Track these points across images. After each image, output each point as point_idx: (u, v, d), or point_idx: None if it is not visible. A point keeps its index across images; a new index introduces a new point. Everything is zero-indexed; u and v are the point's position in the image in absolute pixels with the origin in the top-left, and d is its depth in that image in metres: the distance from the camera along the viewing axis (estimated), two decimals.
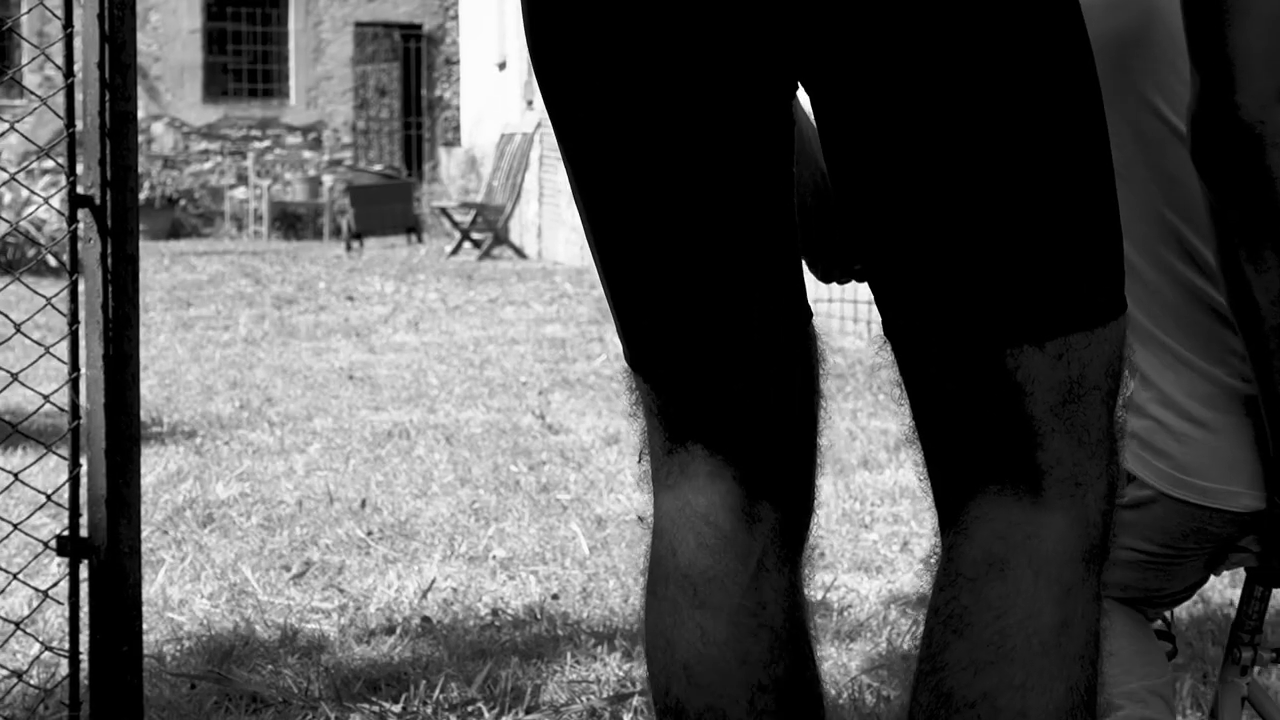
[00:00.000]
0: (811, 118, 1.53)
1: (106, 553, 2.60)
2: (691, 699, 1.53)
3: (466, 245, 17.64)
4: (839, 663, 3.36)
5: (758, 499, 1.56)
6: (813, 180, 1.66)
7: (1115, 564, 1.56)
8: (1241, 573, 2.06)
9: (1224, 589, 4.03)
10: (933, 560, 1.52)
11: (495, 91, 19.97)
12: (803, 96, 1.53)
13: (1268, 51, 1.64)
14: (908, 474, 5.59)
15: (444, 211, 18.79)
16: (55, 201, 14.83)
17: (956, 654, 1.42)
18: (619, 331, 1.61)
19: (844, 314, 9.82)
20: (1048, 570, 1.41)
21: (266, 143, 23.23)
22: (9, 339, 3.24)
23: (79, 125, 2.59)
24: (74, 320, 2.62)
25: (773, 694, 1.53)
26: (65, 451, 2.69)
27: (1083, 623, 1.42)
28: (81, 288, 2.61)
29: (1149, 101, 1.82)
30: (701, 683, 1.53)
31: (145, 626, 2.81)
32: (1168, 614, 2.14)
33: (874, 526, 4.80)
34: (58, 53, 17.13)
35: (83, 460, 2.64)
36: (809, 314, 1.56)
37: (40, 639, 3.37)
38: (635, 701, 3.12)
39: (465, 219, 17.74)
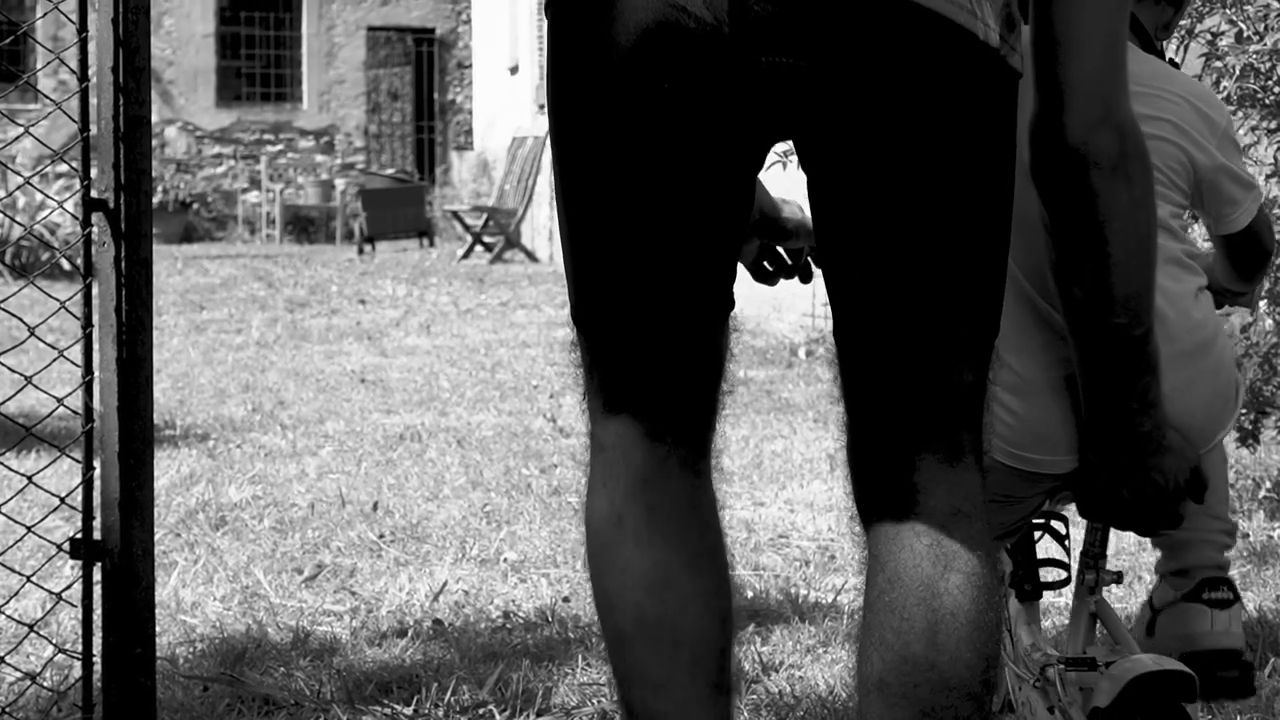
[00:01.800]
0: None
1: (119, 555, 2.61)
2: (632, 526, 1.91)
3: (478, 249, 17.66)
4: (850, 665, 3.36)
5: (673, 427, 1.93)
6: (762, 214, 2.23)
7: None
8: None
9: None
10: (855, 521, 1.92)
11: (507, 95, 19.99)
12: None
13: (1093, 83, 1.94)
14: None
15: (456, 215, 18.81)
16: (69, 205, 14.86)
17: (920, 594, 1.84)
18: (573, 297, 1.95)
19: None
20: (979, 513, 1.86)
21: (279, 147, 23.28)
22: (23, 342, 3.25)
23: (93, 129, 2.60)
24: (88, 324, 2.63)
25: (715, 543, 1.95)
26: (79, 454, 2.70)
27: (988, 543, 1.88)
28: (95, 291, 2.61)
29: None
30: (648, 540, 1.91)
31: (158, 629, 2.82)
32: (1066, 543, 2.50)
33: None
34: (71, 57, 17.14)
35: (96, 463, 2.64)
36: (732, 304, 1.96)
37: (54, 641, 3.38)
38: None
39: (477, 223, 17.75)
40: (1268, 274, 2.75)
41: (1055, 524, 2.55)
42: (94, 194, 2.58)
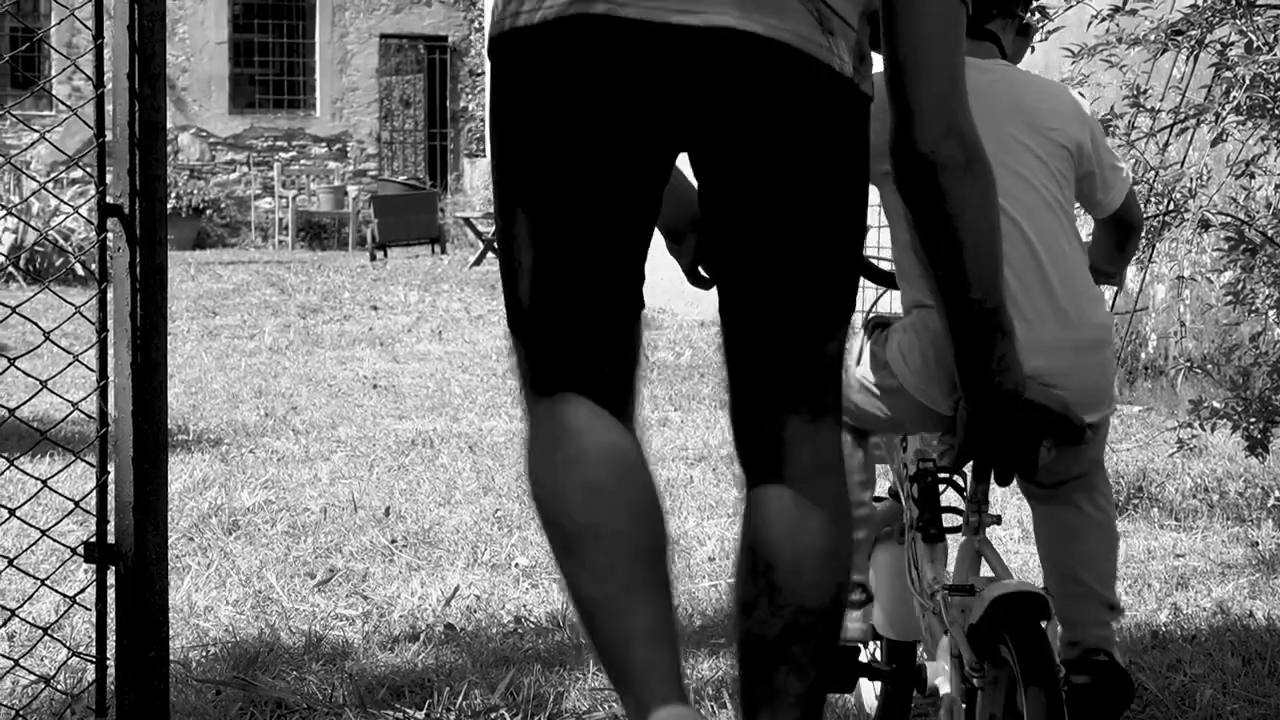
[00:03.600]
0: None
1: (133, 559, 2.62)
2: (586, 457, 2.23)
3: (490, 255, 17.67)
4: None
5: (608, 407, 2.25)
6: (689, 216, 2.45)
7: (858, 416, 2.76)
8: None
9: (1243, 600, 4.04)
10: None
11: None
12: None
13: (938, 102, 2.29)
14: None
15: (467, 222, 18.82)
16: (84, 210, 14.90)
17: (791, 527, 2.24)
18: (515, 302, 2.29)
19: None
20: (837, 464, 2.27)
21: (292, 153, 23.30)
22: (38, 347, 3.27)
23: (109, 135, 2.62)
24: (102, 328, 2.64)
25: (636, 467, 2.24)
26: (93, 459, 2.71)
27: (844, 490, 2.30)
28: (110, 296, 2.63)
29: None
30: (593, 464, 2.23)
31: (171, 633, 2.83)
32: (964, 495, 2.79)
33: None
34: (87, 63, 17.22)
35: (110, 467, 2.66)
36: (642, 305, 2.28)
37: (68, 645, 3.40)
38: None
39: (489, 229, 17.77)
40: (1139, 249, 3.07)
41: (956, 479, 2.87)
42: (109, 199, 2.60)
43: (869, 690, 3.19)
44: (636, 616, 2.18)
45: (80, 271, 14.61)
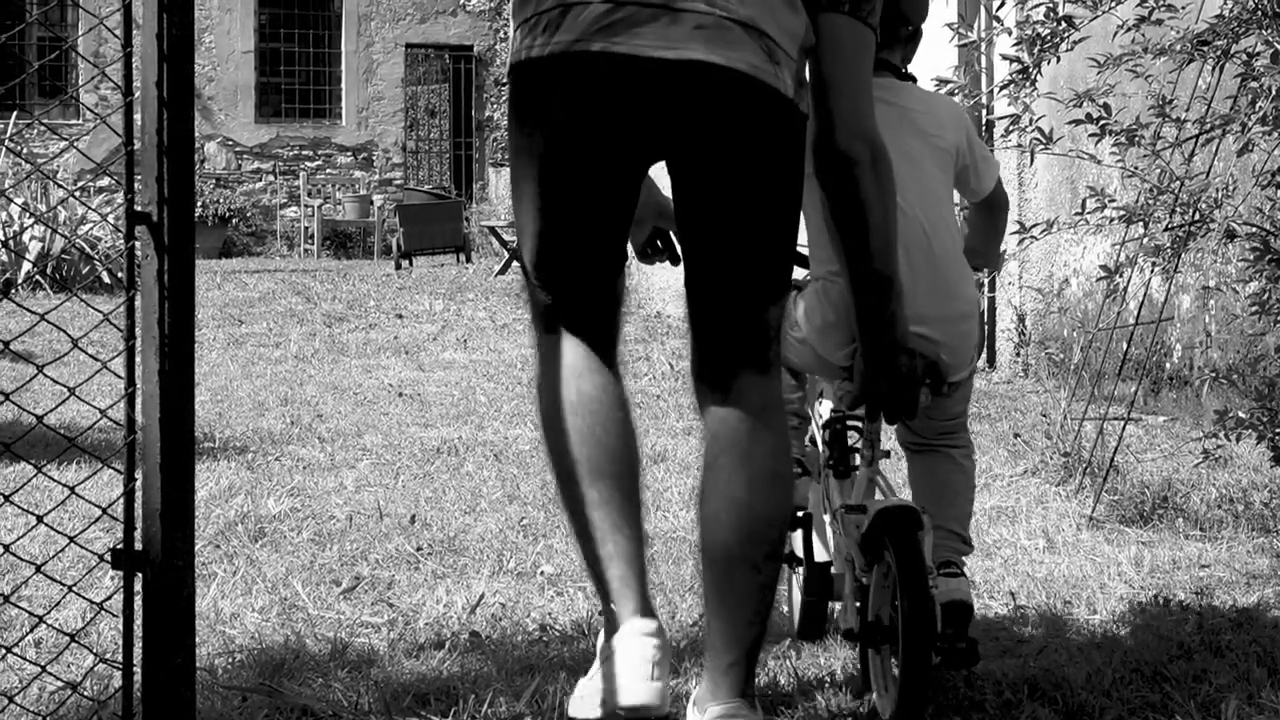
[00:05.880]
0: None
1: (160, 566, 2.63)
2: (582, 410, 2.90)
3: (514, 264, 17.70)
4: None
5: (597, 348, 2.92)
6: (646, 210, 3.20)
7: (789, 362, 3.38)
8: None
9: (1268, 610, 4.03)
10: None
11: None
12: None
13: (853, 111, 2.90)
14: None
15: (493, 231, 18.86)
16: (111, 219, 14.96)
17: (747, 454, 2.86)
18: (525, 263, 2.96)
19: None
20: (779, 406, 2.94)
21: (318, 162, 23.36)
22: (66, 354, 3.28)
23: (137, 144, 2.63)
24: (130, 336, 2.65)
25: (620, 409, 2.91)
26: (121, 465, 2.72)
27: (785, 426, 2.96)
28: (138, 304, 2.64)
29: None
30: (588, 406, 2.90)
31: (197, 639, 2.84)
32: (866, 435, 3.40)
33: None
34: (115, 72, 17.26)
35: (138, 474, 2.67)
36: (625, 260, 2.96)
37: (94, 651, 3.41)
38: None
39: (513, 239, 17.76)
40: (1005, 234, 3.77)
41: (860, 425, 3.42)
42: (138, 207, 2.61)
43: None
44: (617, 541, 2.85)
45: (106, 279, 14.66)
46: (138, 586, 2.69)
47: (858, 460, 3.44)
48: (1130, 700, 3.25)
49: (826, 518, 3.50)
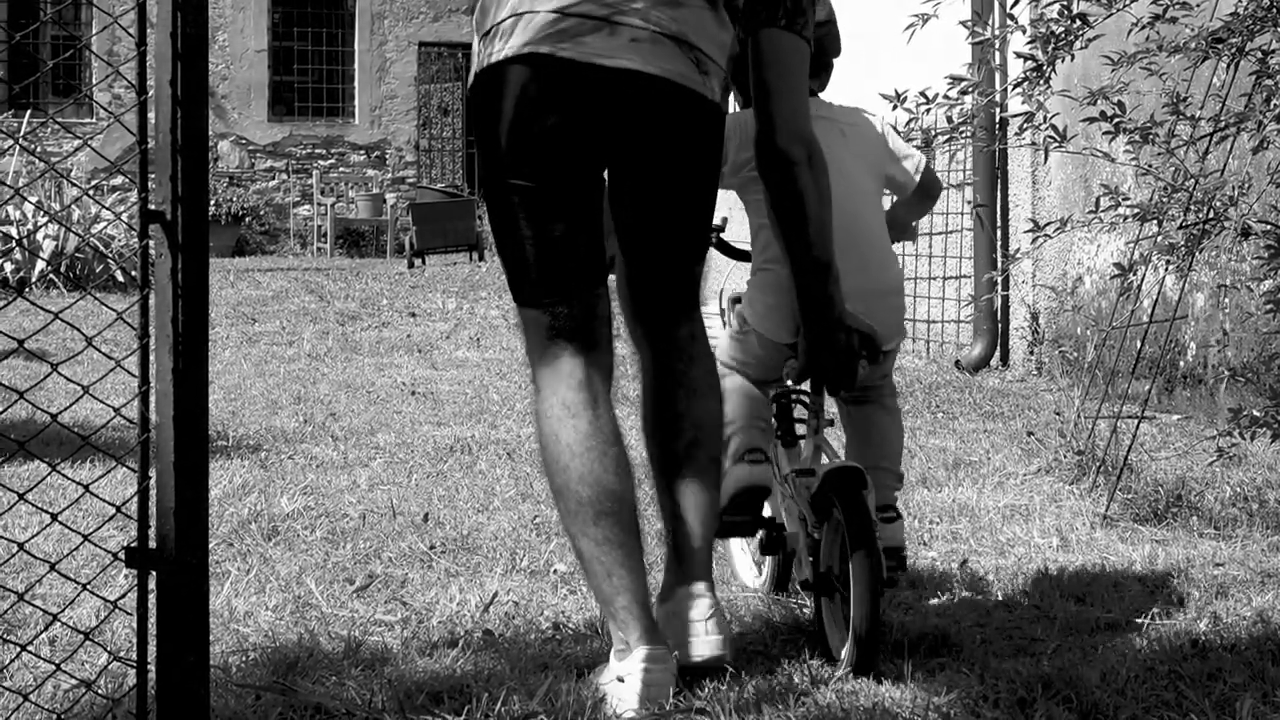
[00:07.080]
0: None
1: (174, 564, 2.63)
2: (578, 448, 3.26)
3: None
4: (899, 672, 3.37)
5: (592, 369, 3.29)
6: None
7: (736, 361, 3.86)
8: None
9: None
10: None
11: None
12: None
13: (791, 114, 3.32)
14: (967, 492, 5.58)
15: None
16: (125, 217, 14.96)
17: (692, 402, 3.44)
18: (514, 284, 3.34)
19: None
20: (704, 337, 3.47)
21: (331, 161, 23.39)
22: (80, 353, 3.29)
23: (151, 143, 2.63)
24: (144, 334, 2.65)
25: (615, 445, 3.27)
26: (134, 464, 2.72)
27: (710, 353, 3.52)
28: (152, 302, 2.64)
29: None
30: (584, 444, 3.26)
31: (211, 637, 2.84)
32: (811, 408, 3.80)
33: (933, 544, 4.81)
34: (128, 70, 17.27)
35: (152, 472, 2.67)
36: (607, 274, 3.37)
37: (109, 649, 3.41)
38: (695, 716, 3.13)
39: None
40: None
41: (805, 398, 3.84)
42: (152, 206, 2.61)
43: (747, 570, 4.29)
44: (620, 575, 3.21)
45: (120, 278, 14.68)
46: (152, 585, 2.69)
47: (801, 430, 3.89)
48: (1145, 699, 3.25)
49: (777, 485, 3.89)
